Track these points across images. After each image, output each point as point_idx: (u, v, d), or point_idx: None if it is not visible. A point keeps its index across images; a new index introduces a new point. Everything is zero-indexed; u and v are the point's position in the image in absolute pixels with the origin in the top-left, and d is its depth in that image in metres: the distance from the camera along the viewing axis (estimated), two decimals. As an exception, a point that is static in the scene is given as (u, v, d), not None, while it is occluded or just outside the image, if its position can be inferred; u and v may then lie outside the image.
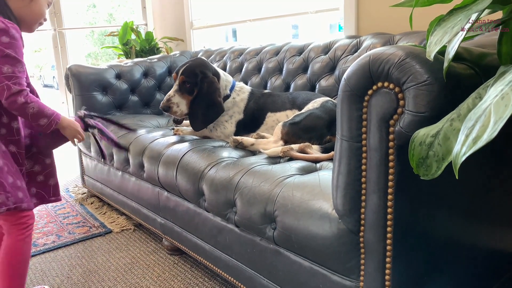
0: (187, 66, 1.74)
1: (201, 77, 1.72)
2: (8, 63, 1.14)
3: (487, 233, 1.13)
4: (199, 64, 1.76)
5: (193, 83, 1.72)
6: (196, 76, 1.72)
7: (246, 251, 1.23)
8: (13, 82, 1.15)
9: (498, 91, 0.53)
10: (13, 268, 1.25)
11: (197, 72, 1.73)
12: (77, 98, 2.38)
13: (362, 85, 0.82)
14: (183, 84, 1.72)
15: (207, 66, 1.78)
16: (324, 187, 1.03)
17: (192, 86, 1.72)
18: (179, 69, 1.75)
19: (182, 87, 1.72)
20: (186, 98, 1.72)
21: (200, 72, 1.73)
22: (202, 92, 1.71)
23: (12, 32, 1.16)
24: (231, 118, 1.77)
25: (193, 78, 1.72)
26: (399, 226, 0.85)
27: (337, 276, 0.97)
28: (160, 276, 1.58)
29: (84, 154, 2.43)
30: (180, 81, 1.72)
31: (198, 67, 1.75)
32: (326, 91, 1.85)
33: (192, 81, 1.71)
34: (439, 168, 0.63)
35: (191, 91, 1.72)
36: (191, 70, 1.73)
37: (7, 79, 1.14)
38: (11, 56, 1.15)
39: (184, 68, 1.73)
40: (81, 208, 2.35)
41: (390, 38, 1.73)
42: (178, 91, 1.72)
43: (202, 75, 1.72)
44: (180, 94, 1.72)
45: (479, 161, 0.96)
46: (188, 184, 1.42)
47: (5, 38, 1.14)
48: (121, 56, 3.39)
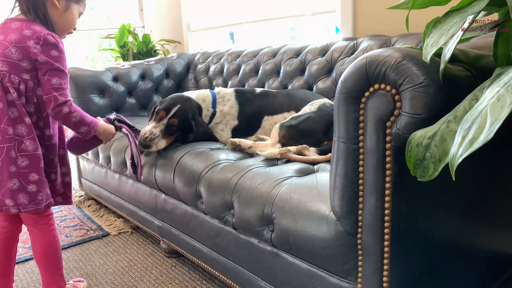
0: (179, 108, 1.61)
1: (195, 123, 1.64)
2: (57, 75, 1.23)
3: (485, 234, 1.13)
4: (189, 108, 1.64)
5: (180, 128, 1.62)
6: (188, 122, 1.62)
7: (244, 254, 1.23)
8: (60, 93, 1.24)
9: (494, 92, 0.53)
10: (53, 256, 1.38)
11: (189, 118, 1.63)
12: (74, 101, 2.38)
13: (359, 87, 0.82)
14: (170, 127, 1.59)
15: (193, 105, 1.68)
16: (321, 189, 1.03)
17: (177, 130, 1.62)
18: (169, 106, 1.61)
19: (169, 129, 1.60)
20: (167, 139, 1.61)
21: (192, 118, 1.63)
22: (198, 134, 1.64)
23: (60, 46, 1.25)
24: (226, 126, 1.74)
25: (183, 124, 1.61)
26: (397, 227, 0.85)
27: (335, 278, 0.97)
28: (157, 279, 1.57)
29: (81, 156, 2.42)
30: (169, 123, 1.59)
31: (189, 111, 1.63)
32: (323, 93, 1.86)
33: (181, 127, 1.61)
34: (436, 170, 0.63)
35: (174, 133, 1.62)
36: (185, 115, 1.62)
37: (55, 90, 1.23)
38: (59, 69, 1.23)
39: (176, 110, 1.60)
40: (78, 211, 2.35)
41: (386, 40, 1.73)
42: (163, 131, 1.58)
43: (195, 122, 1.64)
44: (163, 135, 1.59)
45: (476, 162, 0.97)
46: (186, 186, 1.42)
47: (55, 52, 1.23)
48: (118, 59, 3.39)
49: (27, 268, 1.71)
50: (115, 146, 1.92)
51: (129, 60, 3.22)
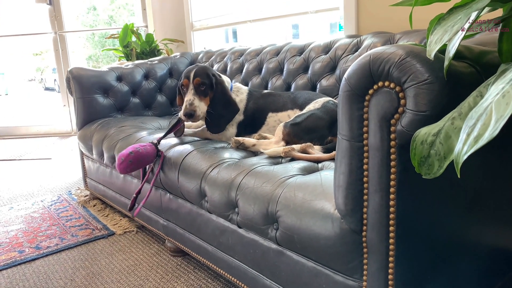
0: (197, 69, 1.71)
1: (215, 79, 1.72)
2: None
3: (490, 232, 1.13)
4: (206, 67, 1.75)
5: (208, 85, 1.70)
6: (209, 77, 1.71)
7: (249, 252, 1.23)
8: None
9: (499, 89, 0.53)
10: None
11: (210, 74, 1.72)
12: (79, 101, 2.39)
13: (363, 85, 0.82)
14: (198, 87, 1.68)
15: (212, 69, 1.78)
16: (326, 187, 1.03)
17: (206, 89, 1.69)
18: (188, 73, 1.71)
19: (198, 89, 1.68)
20: (204, 101, 1.69)
21: (212, 74, 1.72)
22: (217, 94, 1.71)
23: None
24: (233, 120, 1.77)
25: (207, 79, 1.70)
26: (402, 225, 0.84)
27: (340, 276, 0.97)
28: (163, 278, 1.58)
29: (86, 156, 2.43)
30: (195, 83, 1.68)
31: (207, 69, 1.73)
32: (327, 91, 1.85)
33: (207, 83, 1.69)
34: (441, 167, 0.63)
35: (206, 94, 1.70)
36: (204, 72, 1.71)
37: None
38: None
39: (195, 71, 1.70)
40: (84, 210, 2.36)
41: (390, 37, 1.73)
42: (195, 94, 1.67)
43: (215, 77, 1.73)
44: (198, 97, 1.68)
45: (481, 159, 0.96)
46: (190, 185, 1.42)
47: None
48: (121, 58, 3.40)
49: (34, 267, 1.72)
50: (120, 145, 1.92)
51: (133, 59, 3.23)
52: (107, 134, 2.10)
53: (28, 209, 2.42)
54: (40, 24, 4.88)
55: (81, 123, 2.42)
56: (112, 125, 2.18)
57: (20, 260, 1.78)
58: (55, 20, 4.51)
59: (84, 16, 12.54)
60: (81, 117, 2.41)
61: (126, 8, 11.34)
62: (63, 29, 4.52)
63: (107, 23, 12.41)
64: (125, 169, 1.56)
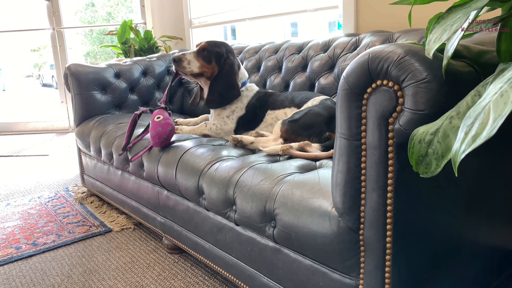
0: (212, 41, 1.74)
1: (226, 56, 1.73)
2: None
3: (487, 230, 1.13)
4: (225, 44, 1.78)
5: (214, 54, 1.71)
6: (219, 49, 1.72)
7: (246, 250, 1.23)
8: None
9: (497, 88, 0.53)
10: None
11: (222, 48, 1.73)
12: (76, 97, 2.38)
13: (361, 83, 0.82)
14: (201, 50, 1.71)
15: (233, 52, 1.80)
16: (323, 185, 1.03)
17: (210, 56, 1.71)
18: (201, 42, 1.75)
19: (200, 52, 1.71)
20: (200, 63, 1.72)
21: (225, 50, 1.74)
22: (223, 71, 1.72)
23: None
24: (233, 113, 1.78)
25: (215, 49, 1.71)
26: (399, 223, 0.85)
27: (337, 274, 0.97)
28: (160, 275, 1.58)
29: (84, 153, 2.43)
30: (201, 47, 1.71)
31: (224, 45, 1.76)
32: (326, 89, 1.85)
33: (213, 52, 1.70)
34: (439, 166, 0.63)
35: (208, 60, 1.71)
36: (217, 43, 1.73)
37: None
38: None
39: (209, 40, 1.74)
40: (81, 207, 2.35)
41: (389, 36, 1.73)
42: (194, 53, 1.71)
43: (227, 55, 1.74)
44: (195, 56, 1.71)
45: (479, 158, 0.96)
46: (188, 182, 1.42)
47: None
48: (120, 55, 3.39)
49: (31, 264, 1.72)
50: (117, 142, 1.92)
51: (131, 56, 3.22)
52: (105, 131, 2.09)
53: (25, 205, 2.41)
54: (38, 20, 4.87)
55: (79, 119, 2.41)
56: (110, 122, 2.18)
57: (16, 256, 1.78)
58: (53, 16, 4.49)
59: (83, 13, 12.50)
60: (79, 114, 2.40)
61: (125, 4, 11.31)
62: (61, 25, 4.50)
63: (106, 19, 12.36)
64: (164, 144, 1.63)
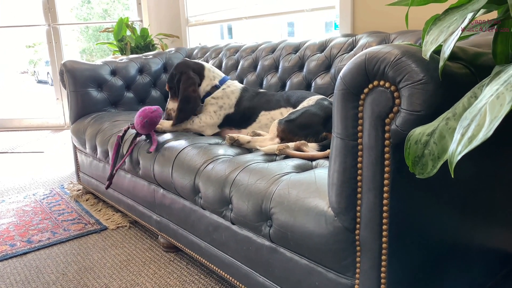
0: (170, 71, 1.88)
1: (177, 78, 1.83)
2: None
3: (483, 231, 1.14)
4: (178, 66, 1.87)
5: (174, 86, 1.85)
6: (173, 79, 1.84)
7: (242, 249, 1.24)
8: None
9: (493, 90, 0.54)
10: None
11: (174, 74, 1.85)
12: (72, 94, 2.37)
13: (358, 84, 0.82)
14: (170, 90, 1.88)
15: (187, 65, 1.87)
16: (320, 185, 1.03)
17: (175, 89, 1.85)
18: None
19: (171, 93, 1.88)
20: (177, 101, 1.83)
21: (176, 74, 1.84)
22: (179, 91, 1.82)
23: None
24: (221, 109, 1.80)
25: (172, 82, 1.85)
26: (395, 224, 0.85)
27: (333, 273, 0.97)
28: (155, 273, 1.58)
29: (79, 150, 2.42)
30: (167, 89, 1.89)
31: (176, 69, 1.86)
32: (322, 89, 1.86)
33: (173, 85, 1.85)
34: (435, 167, 0.64)
35: (175, 93, 1.86)
36: (170, 75, 1.87)
37: None
38: None
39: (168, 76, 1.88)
40: (76, 205, 2.35)
41: (385, 37, 1.73)
42: (171, 98, 1.89)
43: (179, 76, 1.83)
44: (172, 100, 1.88)
45: (475, 159, 0.97)
46: (184, 181, 1.42)
47: None
48: (116, 53, 3.37)
49: (25, 261, 1.71)
50: (113, 140, 1.91)
51: (127, 54, 3.21)
52: (101, 129, 2.09)
53: (20, 202, 2.40)
54: (34, 16, 4.83)
55: (74, 116, 2.40)
56: (106, 120, 2.17)
57: (11, 253, 1.77)
58: (49, 13, 4.46)
59: (78, 9, 12.42)
60: (75, 111, 2.39)
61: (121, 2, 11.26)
62: (56, 22, 4.48)
63: (102, 16, 12.30)
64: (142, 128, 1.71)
